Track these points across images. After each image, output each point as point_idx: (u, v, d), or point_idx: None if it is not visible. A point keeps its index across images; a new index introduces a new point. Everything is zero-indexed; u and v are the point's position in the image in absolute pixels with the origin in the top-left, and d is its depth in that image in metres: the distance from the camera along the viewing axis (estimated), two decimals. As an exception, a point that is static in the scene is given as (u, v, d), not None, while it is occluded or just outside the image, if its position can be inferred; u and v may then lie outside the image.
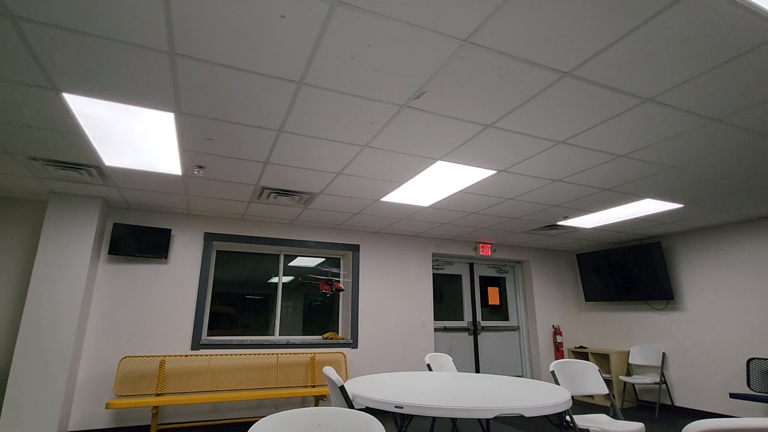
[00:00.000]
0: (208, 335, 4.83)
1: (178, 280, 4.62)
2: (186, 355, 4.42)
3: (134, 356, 4.23)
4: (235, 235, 4.97)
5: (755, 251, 4.70)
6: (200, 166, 3.26)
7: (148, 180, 3.62)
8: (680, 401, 5.20)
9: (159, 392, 4.17)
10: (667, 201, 4.03)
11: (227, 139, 2.74)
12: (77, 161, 3.20)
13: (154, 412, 3.95)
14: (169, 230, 4.59)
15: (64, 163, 3.23)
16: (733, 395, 4.29)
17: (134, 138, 2.76)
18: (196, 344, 4.51)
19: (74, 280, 3.93)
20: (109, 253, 4.29)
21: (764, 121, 2.42)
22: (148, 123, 2.54)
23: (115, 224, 4.36)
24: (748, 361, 4.51)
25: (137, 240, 4.42)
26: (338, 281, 5.53)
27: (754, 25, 1.65)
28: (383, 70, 1.96)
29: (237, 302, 5.07)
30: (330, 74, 2.00)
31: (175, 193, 3.98)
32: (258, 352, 4.72)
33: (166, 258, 4.55)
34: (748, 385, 4.45)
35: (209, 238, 4.84)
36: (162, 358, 4.31)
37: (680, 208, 4.28)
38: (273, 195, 3.98)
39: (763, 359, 4.42)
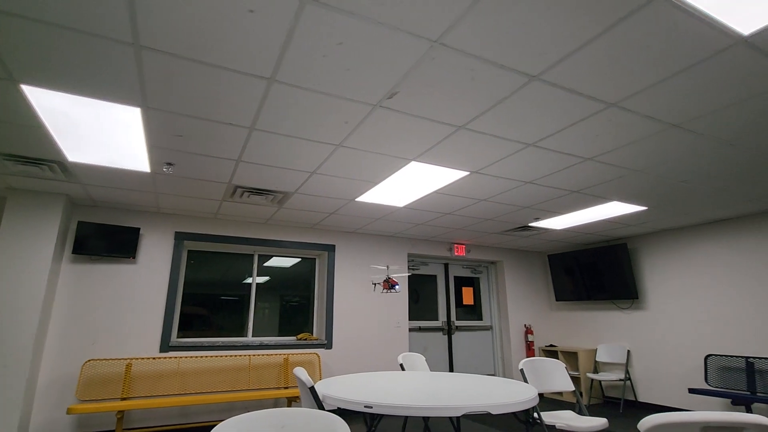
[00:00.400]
0: (178, 337, 4.71)
1: (147, 281, 4.49)
2: (154, 358, 4.29)
3: (99, 359, 4.08)
4: (207, 234, 4.87)
5: (712, 252, 4.94)
6: (170, 164, 3.18)
7: (115, 177, 3.50)
8: (643, 397, 5.40)
9: (125, 396, 4.03)
10: (632, 203, 4.18)
11: (197, 135, 2.68)
12: (38, 156, 3.06)
13: (119, 416, 3.82)
14: (138, 229, 4.45)
15: (24, 157, 3.09)
16: (691, 390, 4.49)
17: (99, 133, 2.67)
18: (165, 346, 4.39)
19: (35, 280, 3.76)
20: (73, 253, 4.13)
21: (719, 127, 2.54)
22: (114, 118, 2.46)
23: (79, 222, 4.20)
24: (706, 358, 4.72)
25: (104, 239, 4.27)
26: (393, 277, 5.69)
27: (708, 36, 1.73)
28: (355, 69, 1.96)
29: (210, 303, 4.97)
30: (301, 72, 1.98)
31: (144, 190, 3.86)
32: (230, 353, 4.64)
33: (134, 258, 4.41)
34: (706, 380, 4.66)
35: (180, 237, 4.72)
36: (128, 361, 4.17)
37: (644, 211, 4.45)
38: (246, 194, 3.92)
39: (720, 356, 4.64)
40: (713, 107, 2.30)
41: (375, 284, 5.52)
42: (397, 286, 5.30)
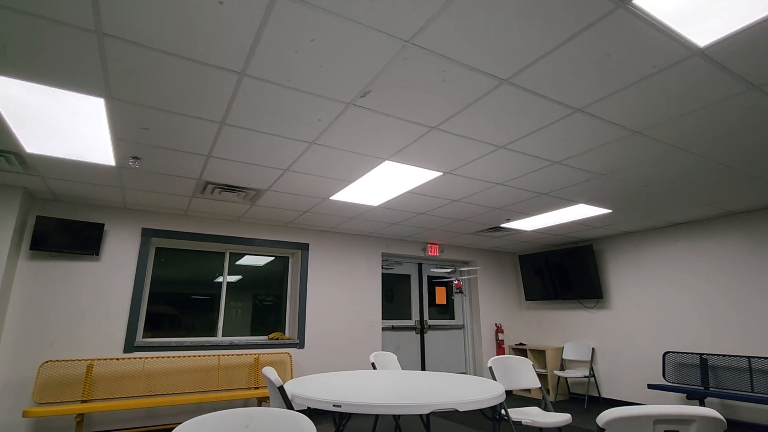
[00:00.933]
0: (145, 337, 4.56)
1: (112, 279, 4.33)
2: (118, 359, 4.15)
3: (58, 360, 3.90)
4: (176, 231, 4.73)
5: (671, 255, 5.17)
6: (136, 157, 3.08)
7: (78, 170, 3.36)
8: (606, 393, 5.60)
9: (85, 398, 3.88)
10: (598, 206, 4.33)
11: (165, 129, 2.61)
12: (-8, 146, 2.90)
13: (78, 419, 3.67)
14: (102, 225, 4.28)
15: (-24, 147, 2.92)
16: (650, 386, 4.68)
17: (60, 124, 2.55)
18: (130, 347, 4.25)
19: (-13, 277, 3.56)
20: (31, 249, 3.93)
21: (677, 134, 2.66)
22: (76, 108, 2.36)
23: (38, 217, 4.00)
24: (664, 355, 4.94)
25: (65, 235, 4.09)
26: (458, 280, 6.43)
27: (668, 46, 1.81)
28: (328, 66, 1.95)
29: (179, 302, 4.83)
30: (273, 67, 1.96)
31: (109, 185, 3.72)
32: (199, 353, 4.53)
33: (97, 254, 4.25)
34: (664, 376, 4.88)
35: (148, 233, 4.57)
36: (90, 361, 4.01)
37: (609, 213, 4.62)
38: (217, 190, 3.83)
39: (677, 352, 4.87)
40: (671, 115, 2.41)
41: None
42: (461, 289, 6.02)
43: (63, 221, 4.10)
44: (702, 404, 4.42)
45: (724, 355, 4.46)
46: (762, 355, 4.24)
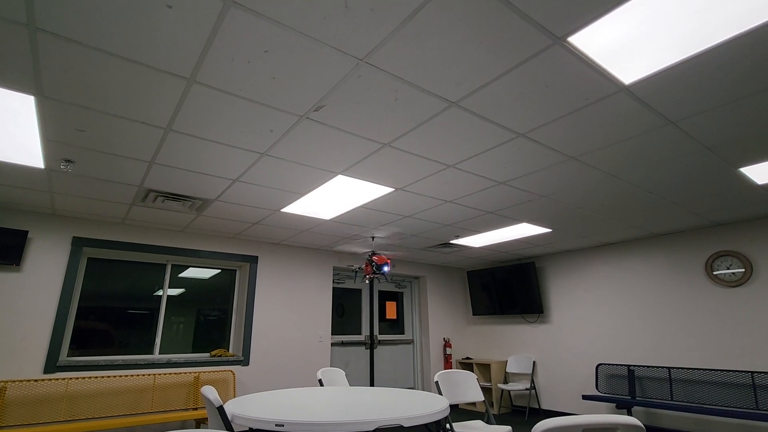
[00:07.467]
0: (70, 356, 4.18)
1: (34, 291, 3.95)
2: (36, 380, 3.76)
3: (-39, 383, 3.48)
4: (112, 241, 4.42)
5: (604, 272, 5.56)
6: (69, 161, 2.87)
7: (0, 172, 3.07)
8: (546, 404, 5.84)
9: (-7, 426, 3.47)
10: (539, 226, 4.58)
11: (104, 132, 2.46)
12: None
13: (-17, 450, 3.27)
14: (26, 232, 3.92)
15: None
16: (585, 397, 4.95)
17: (-20, 120, 2.34)
18: (52, 367, 3.87)
19: None
20: (-65, 257, 3.52)
21: (607, 162, 2.90)
22: (2, 104, 2.17)
23: (-52, 221, 3.60)
24: (597, 366, 5.26)
25: (-21, 242, 3.70)
26: (379, 254, 4.95)
27: (598, 82, 1.99)
28: (281, 78, 1.95)
29: (112, 317, 4.49)
30: (224, 75, 1.92)
31: (36, 189, 3.43)
32: (132, 373, 4.21)
33: (18, 264, 3.87)
34: (597, 387, 5.18)
35: (79, 243, 4.23)
36: (2, 384, 3.60)
37: (549, 232, 4.90)
38: (161, 199, 3.64)
39: (608, 364, 5.19)
40: (602, 144, 2.63)
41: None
42: (385, 267, 4.52)
43: (-22, 227, 3.71)
44: (629, 413, 4.72)
45: (648, 366, 4.81)
46: (680, 366, 4.62)
